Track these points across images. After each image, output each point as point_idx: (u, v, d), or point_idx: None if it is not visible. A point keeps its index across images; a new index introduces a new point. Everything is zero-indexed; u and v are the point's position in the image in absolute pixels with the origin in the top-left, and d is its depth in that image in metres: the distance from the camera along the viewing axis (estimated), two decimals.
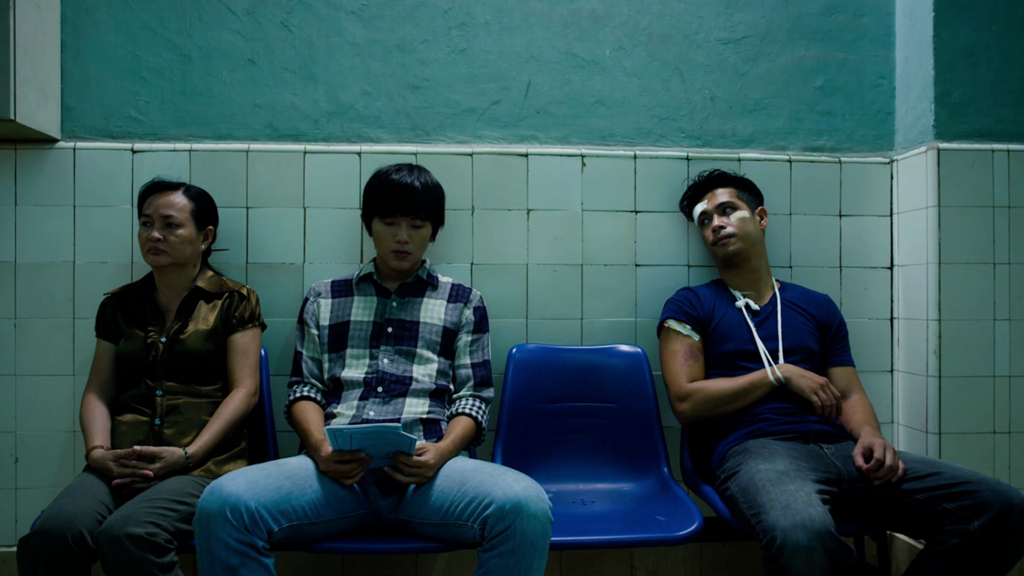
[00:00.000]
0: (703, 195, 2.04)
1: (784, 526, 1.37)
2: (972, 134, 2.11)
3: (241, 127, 2.13)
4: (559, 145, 2.20)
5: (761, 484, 1.53)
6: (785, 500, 1.43)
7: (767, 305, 1.97)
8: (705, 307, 1.96)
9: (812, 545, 1.35)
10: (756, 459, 1.64)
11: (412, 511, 1.58)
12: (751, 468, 1.61)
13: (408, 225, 1.83)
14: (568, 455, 2.03)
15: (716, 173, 2.05)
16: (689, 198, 2.11)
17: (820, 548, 1.35)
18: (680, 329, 1.93)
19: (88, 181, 2.07)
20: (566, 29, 2.21)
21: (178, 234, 1.79)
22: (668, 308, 1.99)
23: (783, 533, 1.36)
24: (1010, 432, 2.09)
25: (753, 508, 1.50)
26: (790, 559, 1.35)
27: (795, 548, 1.35)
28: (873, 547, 1.92)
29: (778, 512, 1.41)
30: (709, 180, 2.05)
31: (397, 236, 1.82)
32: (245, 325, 1.85)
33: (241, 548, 1.39)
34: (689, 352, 1.91)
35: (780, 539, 1.36)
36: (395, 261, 1.84)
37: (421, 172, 1.87)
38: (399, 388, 1.77)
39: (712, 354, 1.93)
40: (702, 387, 1.86)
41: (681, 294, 2.02)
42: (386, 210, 1.82)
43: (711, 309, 1.96)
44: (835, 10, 2.26)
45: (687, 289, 2.04)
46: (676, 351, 1.92)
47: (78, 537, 1.42)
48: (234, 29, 2.13)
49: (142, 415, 1.74)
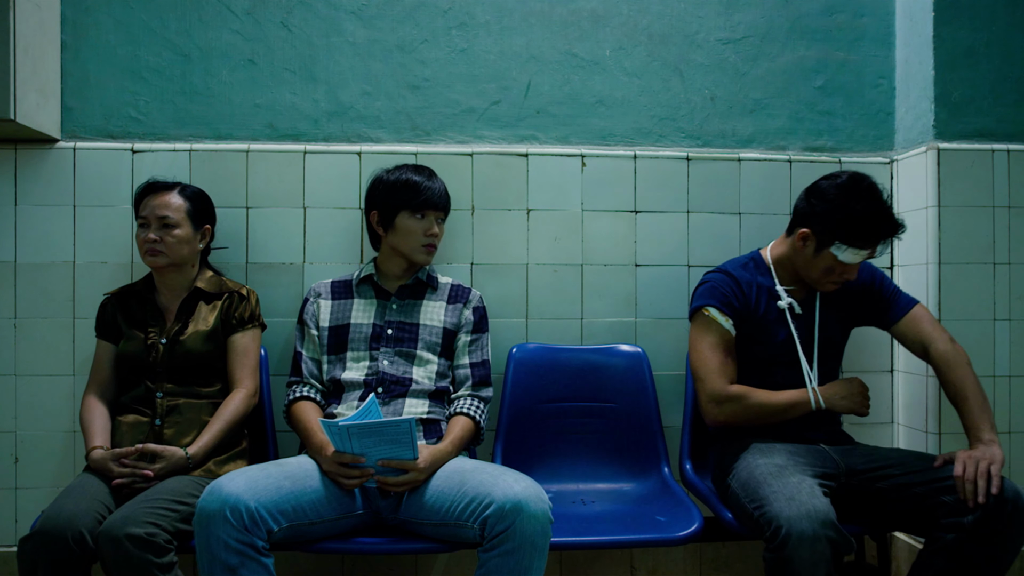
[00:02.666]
0: (872, 243, 1.68)
1: (789, 515, 1.39)
2: (972, 134, 2.11)
3: (241, 127, 2.13)
4: (559, 145, 2.20)
5: (762, 477, 1.53)
6: (788, 492, 1.44)
7: (806, 298, 1.82)
8: (745, 299, 1.78)
9: (817, 534, 1.36)
10: (754, 454, 1.65)
11: (412, 511, 1.58)
12: (750, 463, 1.62)
13: (436, 220, 1.87)
14: (568, 455, 2.03)
15: (900, 228, 1.68)
16: (849, 228, 1.66)
17: (824, 537, 1.37)
18: (722, 321, 1.75)
19: (88, 181, 2.07)
20: (566, 29, 2.21)
21: (175, 234, 1.79)
22: (708, 293, 1.79)
23: (788, 522, 1.38)
24: (1010, 432, 2.09)
25: (755, 501, 1.50)
26: (795, 548, 1.36)
27: (800, 537, 1.36)
28: (873, 547, 1.92)
29: (782, 503, 1.42)
30: (890, 230, 1.68)
31: (429, 230, 1.84)
32: (245, 325, 1.85)
33: (241, 548, 1.39)
34: (728, 348, 1.75)
35: (785, 528, 1.38)
36: (423, 255, 1.86)
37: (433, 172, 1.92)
38: (399, 389, 1.77)
39: (742, 352, 1.78)
40: (745, 395, 1.71)
41: (722, 279, 1.81)
42: (419, 204, 1.83)
43: (752, 303, 1.79)
44: (835, 10, 2.26)
45: (725, 273, 1.82)
46: (714, 345, 1.74)
47: (78, 537, 1.42)
48: (234, 29, 2.13)
49: (142, 416, 1.74)
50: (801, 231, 1.73)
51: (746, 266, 1.86)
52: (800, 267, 1.78)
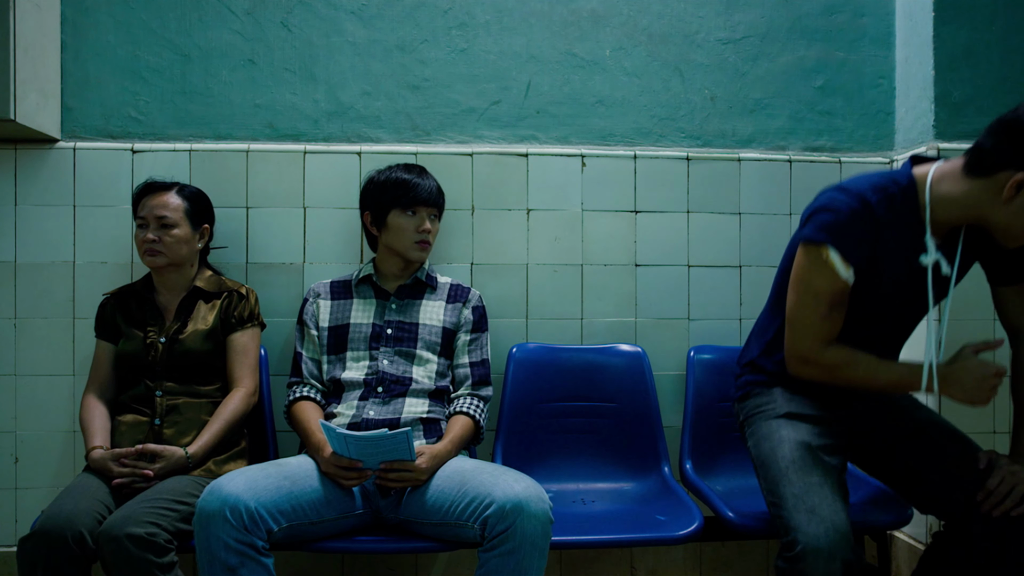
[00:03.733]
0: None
1: (808, 531, 1.36)
2: (972, 134, 2.11)
3: (241, 127, 2.13)
4: (559, 145, 2.20)
5: (784, 468, 1.45)
6: (810, 501, 1.39)
7: (946, 247, 1.48)
8: (878, 243, 1.42)
9: (833, 554, 1.35)
10: (781, 423, 1.51)
11: (412, 511, 1.58)
12: (773, 433, 1.50)
13: (428, 216, 1.86)
14: (568, 455, 2.03)
15: None
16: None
17: (839, 558, 1.35)
18: (840, 270, 1.41)
19: (88, 181, 2.07)
20: (566, 29, 2.21)
21: (173, 234, 1.79)
22: (834, 228, 1.41)
23: (807, 538, 1.35)
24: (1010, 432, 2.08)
25: (774, 496, 1.46)
26: (811, 565, 1.35)
27: (816, 555, 1.35)
28: (873, 547, 1.92)
29: (802, 515, 1.38)
30: None
31: (421, 226, 1.84)
32: (244, 324, 1.85)
33: (241, 548, 1.39)
34: (838, 300, 1.44)
35: (803, 544, 1.36)
36: (417, 252, 1.86)
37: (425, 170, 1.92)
38: (399, 388, 1.77)
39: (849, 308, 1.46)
40: (839, 367, 1.45)
41: (856, 211, 1.40)
42: (409, 200, 1.83)
43: (885, 248, 1.43)
44: (835, 10, 2.26)
45: (862, 203, 1.40)
46: (822, 293, 1.43)
47: (78, 537, 1.42)
48: (234, 29, 2.13)
49: (142, 415, 1.74)
50: (1018, 177, 1.32)
51: (890, 196, 1.43)
52: (992, 217, 1.39)
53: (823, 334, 1.45)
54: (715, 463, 2.02)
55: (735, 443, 2.06)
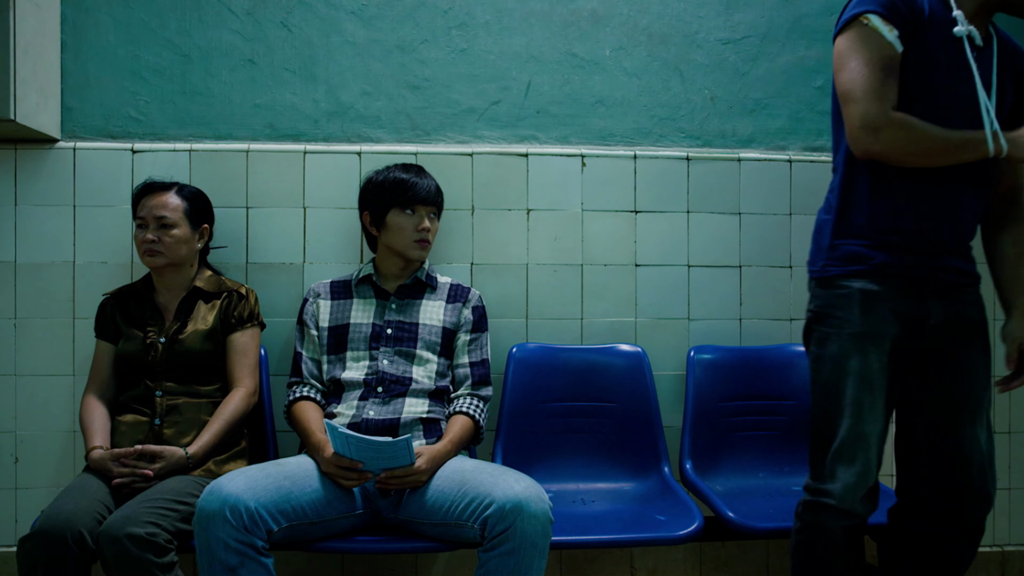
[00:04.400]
0: None
1: (837, 485, 1.44)
2: None
3: (241, 127, 2.13)
4: (559, 145, 2.20)
5: (843, 408, 1.44)
6: (852, 453, 1.43)
7: (985, 38, 1.46)
8: (919, 10, 1.40)
9: (852, 523, 1.46)
10: (854, 341, 1.45)
11: (412, 511, 1.58)
12: (842, 360, 1.45)
13: (427, 215, 1.86)
14: (568, 455, 2.03)
15: None
16: None
17: (853, 525, 1.47)
18: (884, 32, 1.37)
19: (88, 181, 2.07)
20: (566, 29, 2.21)
21: (172, 234, 1.79)
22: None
23: (835, 489, 1.44)
24: (1010, 432, 2.09)
25: (822, 426, 1.48)
26: (830, 521, 1.45)
27: (839, 512, 1.45)
28: (873, 547, 1.92)
29: (841, 468, 1.44)
30: None
31: (420, 225, 1.85)
32: (244, 324, 1.85)
33: (241, 548, 1.39)
34: (890, 66, 1.37)
35: (831, 492, 1.45)
36: (416, 251, 1.86)
37: (424, 170, 1.93)
38: (399, 388, 1.77)
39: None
40: (912, 123, 1.37)
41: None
42: (407, 199, 1.84)
43: (926, 19, 1.40)
44: (835, 10, 2.26)
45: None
46: (872, 61, 1.36)
47: (78, 537, 1.42)
48: (234, 29, 2.13)
49: (142, 415, 1.74)
50: None
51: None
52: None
53: (885, 98, 1.37)
54: (715, 463, 2.02)
55: (735, 443, 2.06)
